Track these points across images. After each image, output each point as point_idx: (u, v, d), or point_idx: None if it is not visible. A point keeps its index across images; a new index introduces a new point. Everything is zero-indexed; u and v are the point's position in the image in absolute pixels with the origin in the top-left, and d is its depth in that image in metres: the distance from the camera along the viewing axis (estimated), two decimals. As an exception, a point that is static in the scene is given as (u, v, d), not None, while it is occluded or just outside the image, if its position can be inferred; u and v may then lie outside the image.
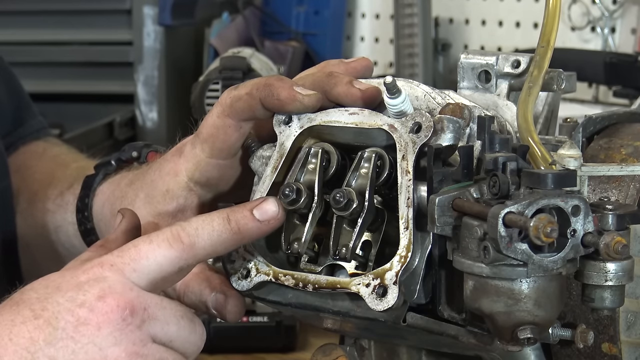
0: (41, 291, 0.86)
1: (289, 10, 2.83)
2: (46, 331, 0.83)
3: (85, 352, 0.83)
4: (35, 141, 1.54)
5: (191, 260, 0.88)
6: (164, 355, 0.85)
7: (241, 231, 0.89)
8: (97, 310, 0.83)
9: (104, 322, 0.83)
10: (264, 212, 0.89)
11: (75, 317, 0.83)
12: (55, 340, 0.83)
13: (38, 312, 0.84)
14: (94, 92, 2.69)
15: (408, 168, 0.86)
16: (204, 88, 2.09)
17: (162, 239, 0.87)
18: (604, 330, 0.89)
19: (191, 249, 0.87)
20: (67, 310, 0.84)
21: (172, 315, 0.86)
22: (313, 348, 1.01)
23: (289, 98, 0.92)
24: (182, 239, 0.87)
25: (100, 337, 0.83)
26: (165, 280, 0.88)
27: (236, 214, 0.89)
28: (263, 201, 0.90)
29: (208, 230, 0.88)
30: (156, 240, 0.87)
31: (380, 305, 0.85)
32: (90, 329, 0.83)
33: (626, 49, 2.45)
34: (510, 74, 0.95)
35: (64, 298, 0.84)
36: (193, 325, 0.88)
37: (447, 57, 2.73)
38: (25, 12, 2.70)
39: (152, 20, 2.59)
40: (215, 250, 0.89)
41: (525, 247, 0.78)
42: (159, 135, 2.58)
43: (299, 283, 0.90)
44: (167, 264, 0.86)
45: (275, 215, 0.89)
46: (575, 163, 0.84)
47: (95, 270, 0.86)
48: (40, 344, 0.83)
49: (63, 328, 0.83)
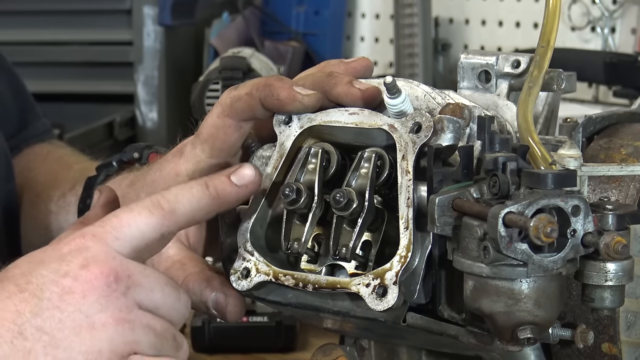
0: (24, 267, 0.86)
1: (289, 10, 2.83)
2: (32, 303, 0.83)
3: (72, 320, 0.83)
4: (39, 143, 1.54)
5: (172, 226, 0.88)
6: (151, 322, 0.85)
7: (220, 196, 0.89)
8: (81, 279, 0.83)
9: (89, 290, 0.83)
10: (242, 177, 0.90)
11: (59, 287, 0.83)
12: (42, 311, 0.83)
13: (23, 285, 0.84)
14: (94, 92, 2.69)
15: (408, 168, 0.86)
16: (204, 88, 2.09)
17: (142, 206, 0.87)
18: (604, 330, 0.89)
19: (172, 215, 0.87)
20: (51, 281, 0.84)
21: (156, 282, 0.86)
22: (313, 348, 1.01)
23: (289, 98, 0.92)
24: (162, 205, 0.87)
25: (87, 305, 0.83)
26: (148, 248, 0.88)
27: (214, 180, 0.89)
28: (240, 167, 0.90)
29: (187, 197, 0.88)
30: (136, 209, 0.87)
31: (380, 305, 0.85)
32: (76, 297, 0.83)
33: (626, 49, 2.45)
34: (510, 74, 0.95)
35: (48, 270, 0.84)
36: (177, 293, 0.88)
37: (447, 57, 2.73)
38: (25, 12, 2.70)
39: (152, 20, 2.60)
40: (195, 216, 0.89)
41: (525, 247, 0.78)
42: (159, 136, 2.58)
43: (299, 283, 0.90)
44: (149, 230, 0.87)
45: (252, 179, 0.90)
46: (575, 163, 0.84)
47: (77, 241, 0.86)
48: (26, 316, 0.83)
49: (48, 298, 0.83)
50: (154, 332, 0.85)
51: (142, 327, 0.84)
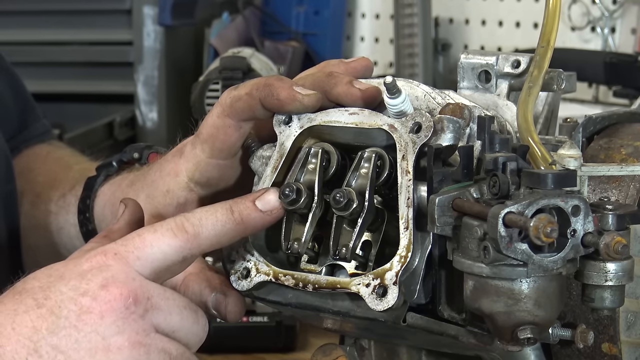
0: (44, 280, 0.85)
1: (289, 10, 2.83)
2: (49, 320, 0.83)
3: (88, 341, 0.82)
4: (39, 144, 1.54)
5: (195, 250, 0.88)
6: (167, 346, 0.85)
7: (244, 221, 0.89)
8: (100, 299, 0.83)
9: (107, 311, 0.83)
10: (266, 203, 0.90)
11: (78, 306, 0.83)
12: (58, 329, 0.83)
13: (41, 300, 0.84)
14: (94, 92, 2.69)
15: (408, 168, 0.86)
16: (204, 88, 2.10)
17: (167, 228, 0.87)
18: (604, 330, 0.89)
19: (195, 239, 0.87)
20: (70, 299, 0.83)
21: (175, 306, 0.86)
22: (313, 348, 1.01)
23: (289, 98, 0.92)
24: (186, 228, 0.87)
25: (104, 326, 0.83)
26: (169, 270, 0.88)
27: (239, 205, 0.89)
28: (265, 192, 0.90)
29: (212, 221, 0.88)
30: (160, 230, 0.87)
31: (380, 305, 0.85)
32: (94, 317, 0.83)
33: (626, 49, 2.45)
34: (510, 74, 0.95)
35: (67, 287, 0.84)
36: (196, 317, 0.88)
37: (447, 57, 2.73)
38: (25, 12, 2.70)
39: (152, 20, 2.60)
40: (219, 241, 0.89)
41: (525, 247, 0.78)
42: (159, 136, 2.58)
43: (299, 283, 0.90)
44: (172, 253, 0.86)
45: (277, 206, 0.90)
46: (575, 163, 0.84)
47: (98, 258, 0.85)
48: (43, 333, 0.83)
49: (66, 317, 0.83)
50: (170, 357, 0.85)
51: (157, 352, 0.84)
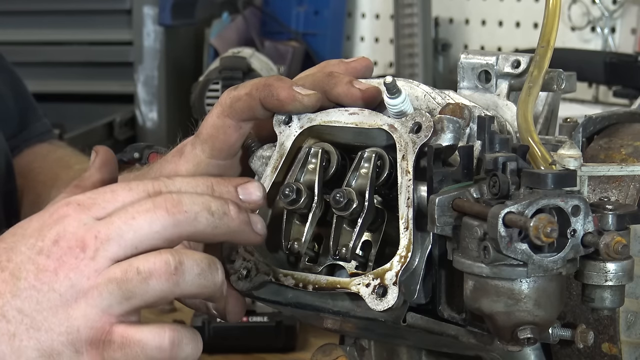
0: (9, 240, 0.84)
1: (289, 10, 2.83)
2: (11, 283, 0.82)
3: (47, 300, 0.81)
4: (40, 144, 1.55)
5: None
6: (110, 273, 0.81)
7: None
8: (53, 255, 0.82)
9: (59, 267, 0.81)
10: (248, 194, 0.88)
11: (35, 265, 0.82)
12: (20, 292, 0.82)
13: (4, 264, 0.83)
14: (94, 92, 2.70)
15: (408, 168, 0.86)
16: (204, 88, 2.09)
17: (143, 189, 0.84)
18: (604, 330, 0.89)
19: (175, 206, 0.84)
20: (28, 259, 0.82)
21: (123, 224, 0.82)
22: (313, 348, 1.01)
23: (289, 98, 0.92)
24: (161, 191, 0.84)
25: (59, 283, 0.81)
26: None
27: (221, 186, 0.87)
28: (248, 181, 0.88)
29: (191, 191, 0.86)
30: (136, 189, 0.84)
31: (380, 305, 0.85)
32: (49, 275, 0.82)
33: (626, 49, 2.45)
34: (510, 74, 0.95)
35: (26, 246, 0.83)
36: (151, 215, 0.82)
37: (447, 57, 2.73)
38: (25, 12, 2.71)
39: (152, 20, 2.60)
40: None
41: (525, 247, 0.78)
42: (159, 135, 2.58)
43: (299, 283, 0.90)
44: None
45: (256, 200, 0.88)
46: (575, 163, 0.84)
47: (61, 210, 0.84)
48: (7, 297, 0.82)
49: (25, 278, 0.82)
50: (116, 282, 0.81)
51: (105, 286, 0.81)
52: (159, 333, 0.82)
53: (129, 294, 0.81)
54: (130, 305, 0.82)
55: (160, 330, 0.82)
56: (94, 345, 0.82)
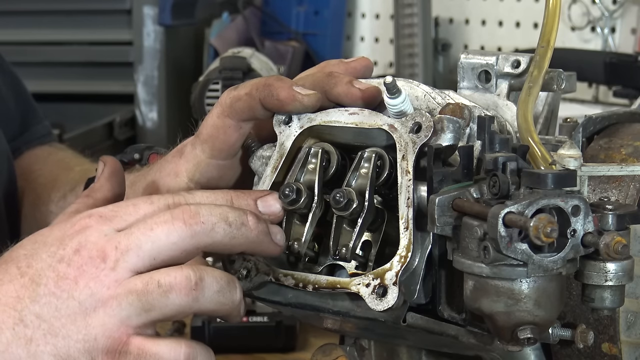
0: (29, 247, 0.86)
1: (289, 10, 2.83)
2: (30, 289, 0.83)
3: (66, 307, 0.83)
4: (40, 146, 1.55)
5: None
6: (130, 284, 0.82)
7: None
8: (73, 264, 0.83)
9: (80, 275, 0.83)
10: (267, 207, 0.90)
11: (55, 273, 0.83)
12: (39, 297, 0.83)
13: (24, 269, 0.84)
14: (94, 92, 2.70)
15: (408, 168, 0.86)
16: (204, 88, 2.10)
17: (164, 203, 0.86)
18: (604, 330, 0.89)
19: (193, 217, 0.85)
20: (48, 267, 0.84)
21: (141, 236, 0.83)
22: (313, 348, 1.01)
23: (289, 98, 0.92)
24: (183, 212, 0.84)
25: (78, 291, 0.83)
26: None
27: (240, 199, 0.89)
28: (268, 194, 0.90)
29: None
30: (157, 203, 0.86)
31: (380, 305, 0.85)
32: (69, 283, 0.83)
33: (626, 49, 2.45)
34: (510, 74, 0.95)
35: (47, 254, 0.84)
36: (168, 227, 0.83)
37: (447, 57, 2.73)
38: (25, 12, 2.71)
39: (152, 20, 2.60)
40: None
41: (525, 247, 0.78)
42: (159, 135, 2.58)
43: (299, 283, 0.90)
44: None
45: (276, 212, 0.90)
46: (575, 163, 0.84)
47: (82, 222, 0.85)
48: (26, 302, 0.83)
49: (45, 284, 0.83)
50: (136, 294, 0.82)
51: (125, 297, 0.82)
52: (175, 348, 0.83)
53: (149, 306, 0.83)
54: (149, 317, 0.83)
55: (177, 345, 0.84)
56: (110, 354, 0.83)
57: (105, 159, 0.96)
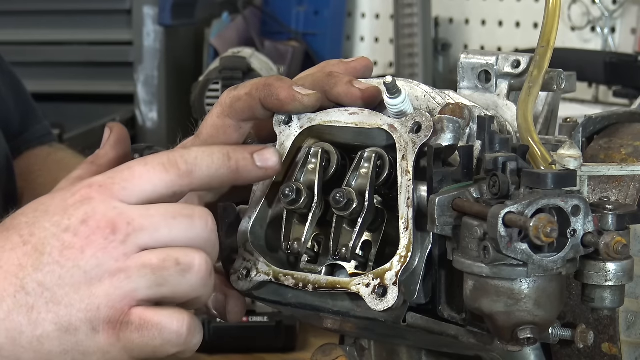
0: (30, 215, 0.86)
1: (289, 10, 2.83)
2: (33, 257, 0.83)
3: (71, 276, 0.83)
4: (40, 146, 1.55)
5: (186, 187, 0.87)
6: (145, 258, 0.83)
7: (239, 171, 0.89)
8: (80, 234, 0.83)
9: (87, 245, 0.83)
10: (264, 160, 0.90)
11: (60, 242, 0.83)
12: (43, 266, 0.83)
13: (26, 237, 0.84)
14: (94, 92, 2.70)
15: (408, 168, 0.86)
16: (204, 88, 2.09)
17: (158, 162, 0.86)
18: (604, 330, 0.89)
19: (187, 177, 0.86)
20: (53, 236, 0.84)
21: (161, 220, 0.84)
22: (313, 348, 1.01)
23: (289, 98, 0.92)
24: (179, 164, 0.86)
25: (84, 260, 0.83)
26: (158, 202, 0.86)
27: (237, 153, 0.89)
28: (264, 148, 0.90)
29: (207, 162, 0.87)
30: (151, 163, 0.86)
31: (380, 305, 0.85)
32: (75, 252, 0.83)
33: (626, 49, 2.45)
34: (510, 74, 0.95)
35: (50, 223, 0.84)
36: (191, 221, 0.85)
37: (447, 57, 2.73)
38: (25, 12, 2.71)
39: (152, 20, 2.60)
40: (210, 183, 0.88)
41: (525, 247, 0.78)
42: (159, 135, 2.58)
43: (299, 283, 0.90)
44: (162, 186, 0.86)
45: (273, 165, 0.90)
46: (575, 163, 0.84)
47: (83, 192, 0.85)
48: (28, 270, 0.83)
49: (49, 253, 0.83)
50: (151, 268, 0.83)
51: (137, 270, 0.83)
52: (178, 318, 0.84)
53: (163, 281, 0.83)
54: (159, 292, 0.84)
55: (180, 315, 0.85)
56: (112, 325, 0.83)
57: (112, 126, 0.97)
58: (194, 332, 0.86)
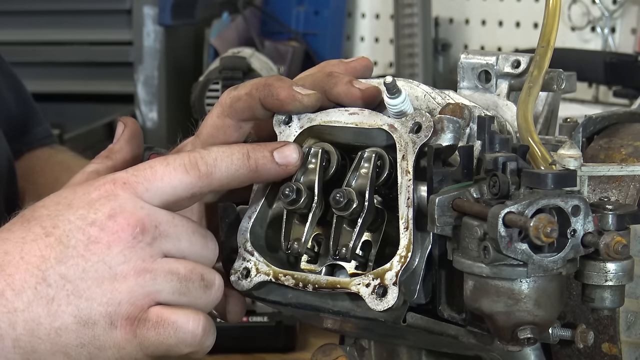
0: (52, 208, 0.86)
1: (289, 10, 2.83)
2: (57, 249, 0.84)
3: (95, 270, 0.83)
4: (41, 147, 1.55)
5: (205, 188, 0.88)
6: (173, 266, 0.85)
7: (258, 170, 0.90)
8: (107, 229, 0.84)
9: (114, 241, 0.83)
10: (284, 157, 0.90)
11: (86, 236, 0.84)
12: (66, 258, 0.83)
13: (49, 229, 0.84)
14: (94, 92, 2.70)
15: (408, 168, 0.86)
16: (204, 88, 2.09)
17: (180, 163, 0.87)
18: (604, 330, 0.89)
19: (207, 178, 0.87)
20: (78, 229, 0.84)
21: (183, 232, 0.86)
22: (313, 348, 1.01)
23: (289, 98, 0.92)
24: (199, 166, 0.87)
25: (110, 256, 0.83)
26: (177, 204, 0.88)
27: (256, 152, 0.90)
28: (284, 145, 0.91)
29: (227, 163, 0.88)
30: (173, 164, 0.87)
31: (380, 305, 0.85)
32: (101, 247, 0.83)
33: (626, 49, 2.45)
34: (510, 74, 0.95)
35: (75, 216, 0.84)
36: (205, 241, 0.88)
37: (447, 57, 2.73)
38: (25, 12, 2.70)
39: (152, 20, 2.60)
40: (230, 184, 0.89)
41: (525, 247, 0.78)
42: (159, 136, 2.58)
43: (299, 283, 0.90)
44: (182, 188, 0.87)
45: (293, 162, 0.91)
46: (575, 163, 0.84)
47: (107, 187, 0.85)
48: (51, 262, 0.83)
49: (74, 246, 0.83)
50: (177, 277, 0.85)
51: (164, 275, 0.84)
52: (194, 318, 0.86)
53: (186, 290, 0.85)
54: (179, 300, 0.86)
55: (196, 315, 0.86)
56: (130, 321, 0.84)
57: (126, 120, 0.97)
58: (208, 334, 0.87)
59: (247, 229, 0.92)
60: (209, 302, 0.88)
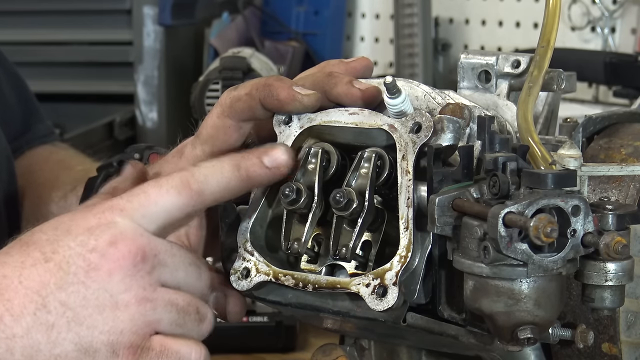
0: (50, 233, 0.85)
1: (289, 10, 2.83)
2: (57, 275, 0.83)
3: (96, 298, 0.83)
4: (42, 145, 1.55)
5: (199, 206, 0.88)
6: (173, 297, 0.85)
7: (250, 178, 0.90)
8: (108, 256, 0.83)
9: (116, 269, 0.83)
10: (273, 160, 0.90)
11: (86, 262, 0.83)
12: (67, 285, 0.83)
13: (49, 254, 0.83)
14: (94, 92, 2.69)
15: (408, 168, 0.86)
16: (204, 88, 2.10)
17: (171, 185, 0.87)
18: (604, 330, 0.89)
19: (199, 196, 0.87)
20: (78, 255, 0.83)
21: (180, 262, 0.86)
22: (313, 348, 1.01)
23: (289, 98, 0.92)
24: (191, 185, 0.87)
25: (112, 284, 0.83)
26: (173, 226, 0.88)
27: (246, 161, 0.90)
28: (272, 148, 0.91)
29: (217, 178, 0.88)
30: (165, 186, 0.86)
31: (380, 305, 0.85)
32: (102, 274, 0.83)
33: (626, 49, 2.45)
34: (510, 74, 0.95)
35: (75, 242, 0.84)
36: (199, 273, 0.88)
37: (447, 57, 2.73)
38: (25, 12, 2.70)
39: (152, 20, 2.59)
40: (223, 197, 0.89)
41: (525, 247, 0.78)
42: (159, 135, 2.58)
43: (299, 283, 0.90)
44: (175, 210, 0.87)
45: (284, 163, 0.90)
46: (575, 163, 0.84)
47: (106, 215, 0.85)
48: (51, 288, 0.83)
49: (74, 273, 0.83)
50: (176, 308, 0.85)
51: (164, 305, 0.84)
52: (197, 350, 0.86)
53: (182, 322, 0.85)
54: (175, 331, 0.85)
55: (198, 347, 0.86)
56: (132, 350, 0.83)
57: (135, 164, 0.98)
58: None
59: (247, 229, 0.92)
60: (201, 335, 0.87)
